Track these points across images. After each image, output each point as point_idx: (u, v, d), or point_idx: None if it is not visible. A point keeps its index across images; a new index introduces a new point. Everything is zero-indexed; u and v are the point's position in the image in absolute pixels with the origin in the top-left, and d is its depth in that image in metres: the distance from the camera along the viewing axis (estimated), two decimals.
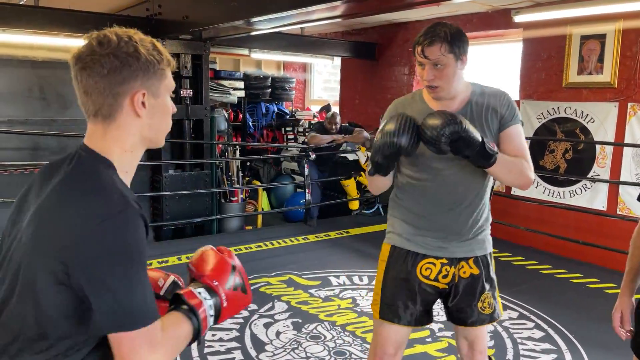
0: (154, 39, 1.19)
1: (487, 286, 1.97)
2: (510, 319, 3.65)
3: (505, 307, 3.83)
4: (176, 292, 1.18)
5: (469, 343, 2.06)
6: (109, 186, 1.08)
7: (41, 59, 5.02)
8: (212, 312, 1.18)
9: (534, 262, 4.94)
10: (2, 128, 4.73)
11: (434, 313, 2.13)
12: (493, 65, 6.32)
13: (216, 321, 1.21)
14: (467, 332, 2.03)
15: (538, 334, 3.44)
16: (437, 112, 1.77)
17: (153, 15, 5.38)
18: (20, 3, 5.00)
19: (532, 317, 3.69)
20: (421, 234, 1.95)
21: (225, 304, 1.21)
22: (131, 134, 1.14)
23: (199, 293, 1.17)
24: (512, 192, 5.59)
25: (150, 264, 4.63)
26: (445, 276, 1.95)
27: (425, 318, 2.03)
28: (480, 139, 1.72)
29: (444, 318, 3.53)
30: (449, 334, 3.37)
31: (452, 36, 1.80)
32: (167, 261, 4.72)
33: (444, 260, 1.94)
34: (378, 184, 1.98)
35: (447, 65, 1.81)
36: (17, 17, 4.58)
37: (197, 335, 1.15)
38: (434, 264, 1.94)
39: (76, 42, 5.02)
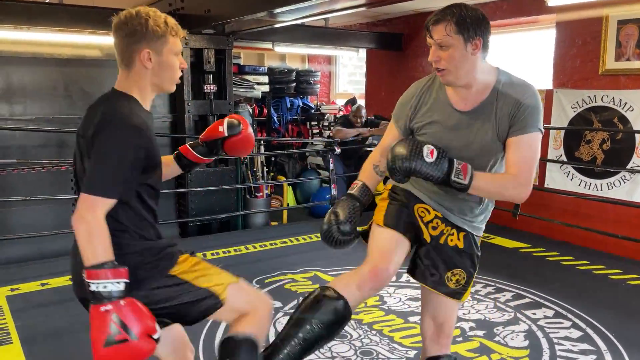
0: (169, 15, 1.71)
1: (463, 264, 1.96)
2: (546, 317, 3.49)
3: (540, 305, 3.67)
4: None
5: (436, 325, 2.01)
6: (124, 107, 1.63)
7: (66, 56, 5.03)
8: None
9: (570, 257, 4.73)
10: (29, 126, 4.77)
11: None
12: (524, 53, 6.08)
13: None
14: (437, 311, 2.00)
15: (576, 333, 3.27)
16: (407, 142, 1.72)
17: (176, 10, 5.34)
18: (46, 1, 5.03)
19: (569, 315, 3.52)
20: (424, 192, 1.98)
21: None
22: (143, 79, 1.70)
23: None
24: (545, 185, 5.38)
25: None
26: (434, 228, 1.95)
27: (399, 225, 1.97)
28: (441, 176, 1.68)
29: (475, 316, 3.43)
30: (480, 332, 3.24)
31: (462, 16, 1.69)
32: None
33: (439, 214, 1.95)
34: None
35: (452, 46, 1.72)
36: (42, 15, 4.60)
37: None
38: (429, 211, 1.95)
39: (100, 39, 5.04)
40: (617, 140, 4.85)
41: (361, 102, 7.87)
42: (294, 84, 8.09)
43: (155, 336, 1.52)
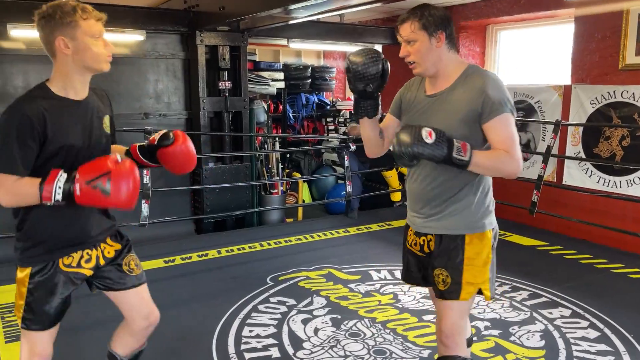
0: (84, 4, 1.80)
1: (442, 264, 2.02)
2: (563, 317, 3.44)
3: (556, 305, 3.62)
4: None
5: (437, 325, 2.10)
6: (23, 95, 1.79)
7: None
8: (59, 193, 1.69)
9: (588, 255, 4.66)
10: None
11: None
12: (542, 49, 5.99)
13: (69, 200, 1.70)
14: (438, 311, 2.10)
15: (593, 334, 3.22)
16: (408, 128, 1.86)
17: (191, 7, 5.37)
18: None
19: (587, 315, 3.46)
20: (408, 206, 2.20)
21: (78, 193, 1.70)
22: (65, 65, 1.80)
23: (59, 176, 1.71)
24: (563, 182, 5.30)
25: (190, 257, 4.64)
26: (415, 244, 2.16)
27: (413, 279, 2.22)
28: (444, 154, 1.80)
29: (490, 315, 3.40)
30: (496, 332, 3.21)
31: (425, 15, 1.90)
32: (206, 254, 4.72)
33: (413, 230, 2.16)
34: (365, 135, 2.12)
35: (418, 41, 1.92)
36: None
37: (42, 200, 1.70)
38: (411, 233, 2.18)
39: (117, 37, 5.08)
40: (637, 136, 4.76)
41: None
42: (310, 80, 8.07)
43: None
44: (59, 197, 1.70)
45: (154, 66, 5.54)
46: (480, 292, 2.03)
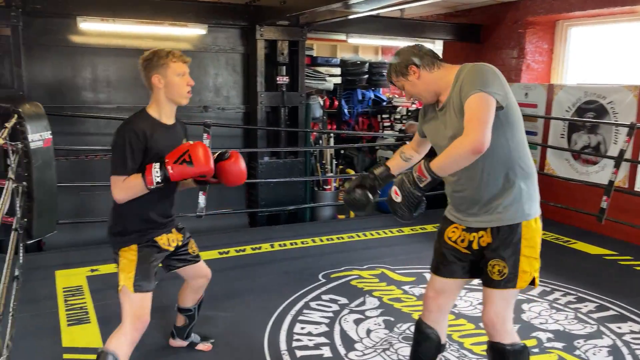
0: (174, 50, 2.34)
1: (499, 255, 2.06)
2: (632, 332, 3.22)
3: (625, 319, 3.39)
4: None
5: (484, 309, 2.15)
6: (131, 117, 2.36)
7: (147, 48, 5.18)
8: (158, 176, 2.21)
9: None
10: (112, 114, 4.98)
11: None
12: (617, 46, 5.64)
13: (165, 181, 2.22)
14: (485, 295, 2.14)
15: None
16: (388, 202, 2.04)
17: (252, 1, 5.39)
18: None
19: None
20: (451, 207, 2.26)
21: (171, 171, 2.21)
22: (159, 95, 2.33)
23: (154, 166, 2.22)
24: (635, 188, 4.98)
25: (244, 249, 4.67)
26: (462, 241, 2.19)
27: (449, 272, 2.23)
28: (418, 194, 1.95)
29: (554, 327, 3.22)
30: (559, 345, 3.03)
31: (391, 67, 2.10)
32: (260, 248, 4.74)
33: (461, 227, 2.19)
34: None
35: (405, 85, 2.11)
36: (125, 8, 4.79)
37: (147, 185, 2.22)
38: (457, 228, 2.20)
39: (179, 31, 5.18)
40: None
41: None
42: (367, 75, 7.97)
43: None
44: (158, 179, 2.21)
45: (214, 60, 5.61)
46: (532, 281, 2.09)
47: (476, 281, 3.96)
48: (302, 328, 3.19)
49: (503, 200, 2.04)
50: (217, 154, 2.44)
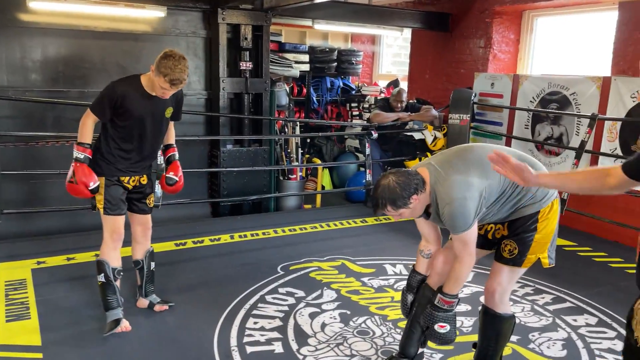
0: (177, 75, 2.72)
1: (510, 236, 2.37)
2: (588, 325, 3.22)
3: (582, 311, 3.40)
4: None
5: (488, 279, 2.44)
6: (124, 78, 2.94)
7: (102, 29, 4.97)
8: (73, 161, 2.84)
9: (619, 259, 4.39)
10: (62, 99, 4.76)
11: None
12: (582, 37, 5.65)
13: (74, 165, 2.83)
14: (492, 266, 2.43)
15: (620, 345, 2.94)
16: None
17: None
18: None
19: (614, 325, 3.23)
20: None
21: (69, 181, 2.84)
22: (150, 77, 2.80)
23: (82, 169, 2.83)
24: None
25: (202, 240, 4.54)
26: (487, 231, 2.50)
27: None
28: (451, 325, 2.41)
29: None
30: (514, 338, 2.99)
31: (392, 203, 2.25)
32: (219, 239, 4.61)
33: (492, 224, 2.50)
34: None
35: (404, 213, 2.30)
36: None
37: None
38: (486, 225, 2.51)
39: (137, 12, 4.96)
40: None
41: (404, 84, 7.57)
42: (335, 63, 7.85)
43: (90, 187, 2.81)
44: (77, 158, 2.81)
45: (175, 44, 5.40)
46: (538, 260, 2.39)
47: None
48: (255, 323, 3.09)
49: (518, 209, 2.35)
50: (164, 178, 3.20)
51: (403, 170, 2.31)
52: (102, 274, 2.91)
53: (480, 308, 2.52)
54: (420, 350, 2.63)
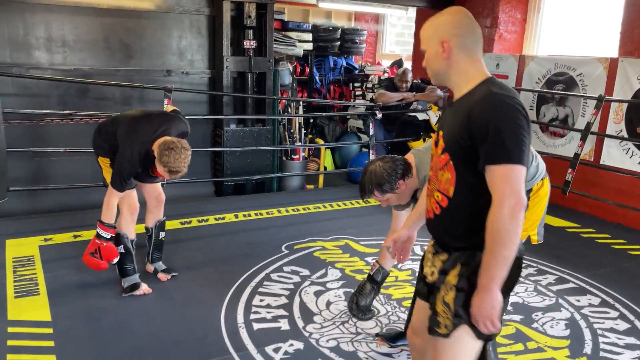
0: (176, 166, 2.86)
1: None
2: (591, 305, 3.25)
3: (585, 292, 3.43)
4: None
5: None
6: (139, 148, 2.97)
7: (105, 6, 4.92)
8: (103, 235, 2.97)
9: (622, 241, 4.42)
10: (67, 77, 4.74)
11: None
12: (590, 17, 5.58)
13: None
14: None
15: (623, 325, 3.02)
16: None
17: None
18: None
19: (617, 305, 3.26)
20: None
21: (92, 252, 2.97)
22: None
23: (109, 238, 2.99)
24: (601, 161, 5.00)
25: (207, 219, 4.56)
26: None
27: None
28: None
29: (513, 299, 3.22)
30: (517, 317, 3.04)
31: (378, 188, 2.28)
32: (223, 218, 4.63)
33: None
34: None
35: (391, 198, 2.35)
36: None
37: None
38: None
39: None
40: None
41: (408, 64, 7.51)
42: (339, 42, 7.79)
43: (112, 262, 2.99)
44: (96, 239, 2.97)
45: (178, 22, 5.36)
46: (527, 238, 2.48)
47: None
48: (261, 300, 3.13)
49: None
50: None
51: (390, 156, 2.36)
52: (122, 245, 3.09)
53: None
54: None
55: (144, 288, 3.15)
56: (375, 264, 2.78)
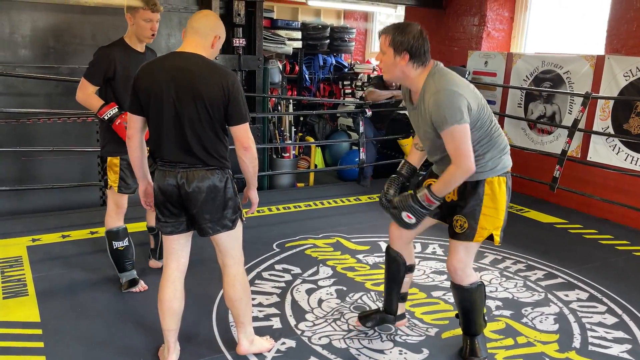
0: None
1: (460, 211, 2.41)
2: (579, 300, 3.29)
3: (573, 287, 3.46)
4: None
5: (448, 257, 2.51)
6: (111, 43, 3.03)
7: (93, 4, 4.88)
8: (109, 116, 2.91)
9: (609, 236, 4.47)
10: (53, 75, 4.68)
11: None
12: (577, 15, 5.64)
13: (110, 121, 2.92)
14: (450, 244, 2.49)
15: (610, 319, 3.06)
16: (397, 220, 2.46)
17: None
18: None
19: (605, 299, 3.30)
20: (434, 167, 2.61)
21: (117, 123, 2.91)
22: (130, 30, 2.96)
23: (114, 108, 2.93)
24: (588, 158, 5.05)
25: None
26: None
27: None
28: (421, 212, 2.37)
29: (503, 295, 3.26)
30: (507, 313, 3.07)
31: (394, 33, 2.21)
32: None
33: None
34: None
35: (386, 59, 2.26)
36: None
37: (98, 114, 2.93)
38: (434, 182, 2.41)
39: None
40: None
41: None
42: (328, 40, 7.79)
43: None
44: (107, 117, 2.89)
45: (166, 20, 5.32)
46: (491, 237, 2.40)
47: (429, 250, 3.97)
48: (253, 299, 3.11)
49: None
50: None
51: (424, 37, 2.24)
52: (119, 241, 3.10)
53: (449, 284, 2.60)
54: (403, 311, 2.82)
55: (141, 285, 3.16)
56: (403, 163, 2.76)
